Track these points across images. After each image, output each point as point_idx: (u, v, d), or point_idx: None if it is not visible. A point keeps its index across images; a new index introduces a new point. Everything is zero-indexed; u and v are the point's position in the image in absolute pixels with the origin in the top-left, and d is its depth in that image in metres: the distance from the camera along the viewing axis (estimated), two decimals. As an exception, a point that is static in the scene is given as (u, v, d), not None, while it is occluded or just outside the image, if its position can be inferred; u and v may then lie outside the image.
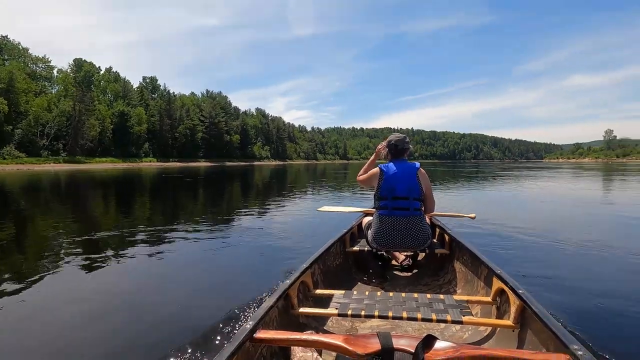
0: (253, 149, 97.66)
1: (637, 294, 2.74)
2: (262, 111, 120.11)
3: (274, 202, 9.25)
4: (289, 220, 6.31)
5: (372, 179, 2.42)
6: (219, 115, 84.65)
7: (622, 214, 7.14)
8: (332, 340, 1.06)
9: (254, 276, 3.09)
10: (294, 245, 4.22)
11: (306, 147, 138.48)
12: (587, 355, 0.96)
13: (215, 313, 2.17)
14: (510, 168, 40.28)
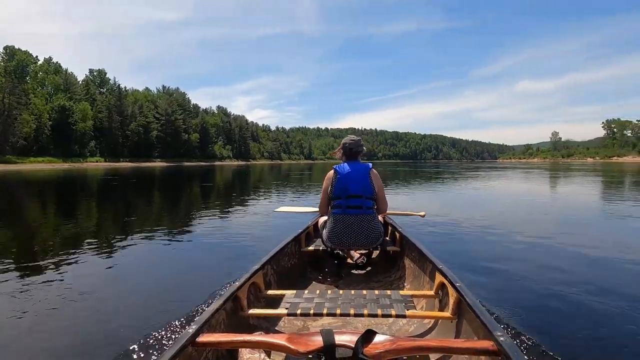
0: (214, 148, 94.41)
1: (566, 282, 2.93)
2: (224, 109, 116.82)
3: (233, 204, 9.01)
4: (246, 221, 6.22)
5: (328, 185, 2.49)
6: (176, 113, 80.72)
7: (562, 209, 7.77)
8: (276, 340, 1.08)
9: (205, 279, 2.98)
10: (249, 247, 4.15)
11: (270, 146, 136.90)
12: (508, 341, 1.03)
13: (160, 318, 2.12)
14: (468, 168, 42.85)
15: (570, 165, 54.90)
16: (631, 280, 3.05)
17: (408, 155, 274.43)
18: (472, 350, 1.07)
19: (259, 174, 28.19)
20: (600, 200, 9.75)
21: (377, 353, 0.95)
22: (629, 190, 12.68)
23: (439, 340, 1.16)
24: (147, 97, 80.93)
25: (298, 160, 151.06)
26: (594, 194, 11.37)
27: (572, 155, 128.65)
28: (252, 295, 1.77)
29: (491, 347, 1.04)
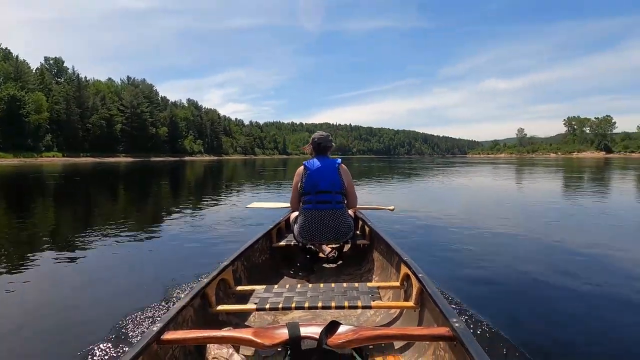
0: (184, 143, 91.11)
1: (523, 270, 3.14)
2: (195, 103, 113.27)
3: (203, 200, 8.75)
4: (217, 218, 6.06)
5: (298, 181, 2.52)
6: (142, 105, 77.07)
7: (525, 202, 8.20)
8: (242, 334, 1.10)
9: (173, 277, 2.88)
10: (220, 243, 4.06)
11: (244, 141, 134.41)
12: (462, 327, 1.10)
13: (126, 318, 2.09)
14: (440, 163, 44.33)
15: (535, 160, 58.33)
16: (582, 267, 3.27)
17: (382, 151, 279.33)
18: (429, 336, 1.16)
19: (231, 170, 27.54)
20: (560, 193, 10.31)
21: (340, 343, 0.98)
22: (587, 184, 13.54)
23: (398, 328, 1.26)
24: (110, 88, 76.71)
25: (272, 155, 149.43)
26: (555, 187, 12.03)
27: (536, 150, 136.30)
28: (221, 291, 1.77)
29: (447, 333, 1.11)
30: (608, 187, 11.85)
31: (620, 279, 3.00)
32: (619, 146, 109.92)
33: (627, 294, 2.62)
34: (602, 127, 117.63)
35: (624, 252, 3.77)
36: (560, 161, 48.37)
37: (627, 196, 9.27)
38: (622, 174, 18.15)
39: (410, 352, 1.44)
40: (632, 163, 36.44)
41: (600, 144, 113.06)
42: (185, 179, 17.48)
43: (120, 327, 1.98)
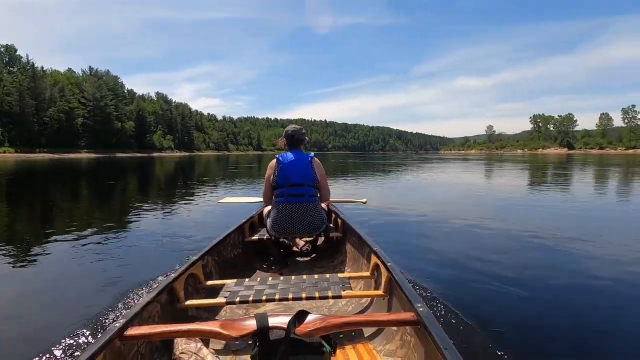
0: (152, 138, 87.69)
1: (485, 258, 3.34)
2: (164, 96, 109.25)
3: (173, 197, 8.53)
4: (188, 214, 5.95)
5: (270, 174, 2.52)
6: (105, 98, 73.18)
7: (492, 196, 8.63)
8: (208, 327, 1.09)
9: (142, 274, 2.82)
10: (191, 239, 4.03)
11: (216, 137, 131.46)
12: (426, 311, 1.15)
13: (90, 315, 2.06)
14: (413, 159, 45.63)
15: (503, 156, 61.16)
16: (541, 252, 3.54)
17: (357, 147, 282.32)
18: (395, 321, 1.21)
19: (203, 166, 26.80)
20: (524, 187, 10.86)
21: (308, 331, 0.99)
22: (550, 178, 14.39)
23: (365, 315, 1.29)
24: (70, 80, 72.26)
25: (246, 151, 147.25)
26: (520, 182, 12.66)
27: (504, 147, 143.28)
28: (190, 286, 1.76)
29: (411, 318, 1.16)
30: (569, 181, 12.63)
31: (575, 260, 3.25)
32: (579, 143, 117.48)
33: (579, 274, 2.89)
34: (565, 124, 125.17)
35: (579, 239, 4.04)
36: (527, 157, 51.03)
37: (587, 189, 9.90)
38: (582, 170, 19.43)
39: (379, 339, 1.51)
40: (591, 159, 39.05)
41: (563, 141, 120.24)
42: (154, 176, 16.83)
43: (82, 327, 1.93)
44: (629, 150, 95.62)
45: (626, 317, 2.25)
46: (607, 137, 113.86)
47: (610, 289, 2.66)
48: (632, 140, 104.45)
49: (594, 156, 54.63)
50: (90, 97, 69.92)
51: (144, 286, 2.45)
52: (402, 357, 1.33)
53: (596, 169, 19.53)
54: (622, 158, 41.23)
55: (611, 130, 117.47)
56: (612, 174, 15.79)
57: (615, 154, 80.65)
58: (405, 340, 1.35)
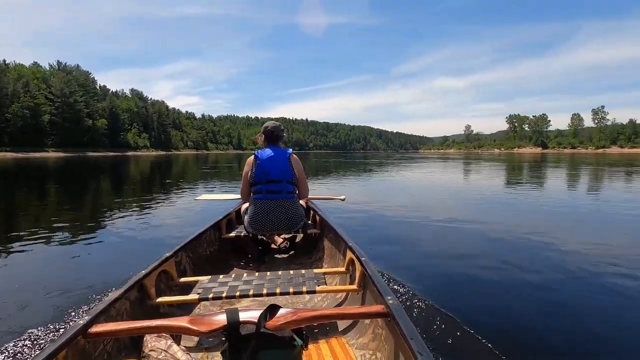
0: (127, 136, 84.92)
1: (457, 253, 3.49)
2: (139, 93, 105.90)
3: (149, 196, 8.38)
4: (164, 212, 5.92)
5: (248, 170, 2.50)
6: (75, 94, 70.18)
7: (468, 194, 8.90)
8: (177, 323, 1.07)
9: (115, 272, 2.78)
10: (167, 237, 4.00)
11: (195, 135, 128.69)
12: (396, 304, 1.19)
13: (57, 314, 2.03)
14: (395, 158, 46.65)
15: (481, 155, 63.07)
16: (511, 247, 3.72)
17: (338, 146, 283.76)
18: (366, 314, 1.23)
19: (181, 165, 26.19)
20: (500, 185, 11.24)
21: (278, 325, 0.99)
22: (525, 177, 14.99)
23: (336, 308, 1.31)
24: (36, 74, 68.85)
25: (226, 150, 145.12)
26: (496, 180, 13.12)
27: (482, 146, 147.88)
28: (162, 283, 1.75)
29: (382, 310, 1.19)
30: (542, 179, 13.20)
31: (543, 254, 3.40)
32: (553, 142, 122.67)
33: (548, 267, 3.04)
34: (539, 124, 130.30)
35: (550, 235, 4.26)
36: (503, 156, 52.82)
37: (560, 187, 10.41)
38: (555, 169, 20.30)
39: (352, 332, 1.56)
40: (564, 158, 40.86)
41: (537, 141, 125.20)
42: (129, 175, 16.28)
43: (47, 326, 1.88)
44: (599, 150, 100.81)
45: (588, 306, 2.38)
46: (578, 137, 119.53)
47: (577, 280, 2.81)
48: (602, 140, 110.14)
49: (566, 155, 57.28)
50: (58, 92, 66.88)
51: (115, 284, 2.38)
52: (374, 349, 1.36)
53: (569, 167, 20.50)
54: (592, 157, 43.27)
55: (582, 130, 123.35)
56: (584, 172, 16.64)
57: (586, 153, 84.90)
58: (377, 333, 1.39)
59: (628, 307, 2.34)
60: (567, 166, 21.62)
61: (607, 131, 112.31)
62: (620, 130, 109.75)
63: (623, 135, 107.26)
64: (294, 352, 0.98)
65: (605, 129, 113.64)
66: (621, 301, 2.43)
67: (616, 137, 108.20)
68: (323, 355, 1.42)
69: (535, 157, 47.36)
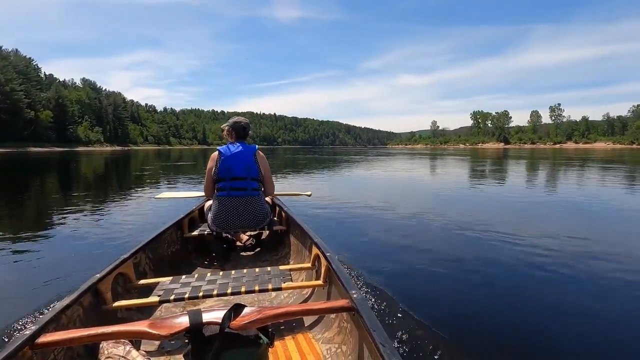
0: (77, 130, 79.38)
1: (421, 248, 3.60)
2: (92, 83, 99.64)
3: (103, 195, 7.99)
4: (121, 212, 5.68)
5: (212, 166, 2.48)
6: (12, 82, 64.14)
7: (433, 187, 9.26)
8: (134, 327, 1.04)
9: (66, 278, 2.65)
10: (124, 238, 3.91)
11: (156, 130, 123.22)
12: (360, 298, 1.23)
13: (3, 324, 1.93)
14: (365, 153, 47.70)
15: (447, 150, 65.57)
16: (475, 242, 3.82)
17: (307, 141, 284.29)
18: (331, 309, 1.26)
19: (141, 162, 24.92)
20: (466, 180, 11.76)
21: (243, 324, 0.99)
22: (488, 172, 15.81)
23: (302, 304, 1.31)
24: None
25: (191, 145, 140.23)
26: (461, 174, 13.73)
27: (448, 142, 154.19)
28: (119, 286, 1.71)
29: (346, 305, 1.22)
30: (505, 174, 14.05)
31: (507, 248, 3.55)
32: (514, 138, 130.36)
33: (510, 260, 3.19)
34: (501, 121, 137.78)
35: (510, 228, 4.52)
36: (468, 151, 55.21)
37: (520, 182, 11.04)
38: (517, 163, 21.52)
39: (318, 327, 1.60)
40: (524, 153, 43.44)
41: (500, 136, 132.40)
42: (80, 173, 15.15)
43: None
44: (556, 145, 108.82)
45: (543, 295, 2.53)
46: (537, 133, 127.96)
47: (534, 271, 2.96)
48: (558, 135, 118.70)
49: (526, 150, 61.09)
50: (-8, 80, 60.99)
51: (68, 290, 2.21)
52: (339, 343, 1.41)
53: (528, 162, 21.88)
54: (550, 152, 46.55)
55: (540, 127, 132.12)
56: (542, 166, 17.78)
57: (544, 148, 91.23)
58: (342, 327, 1.44)
59: (583, 297, 2.49)
60: (527, 161, 22.99)
61: (563, 127, 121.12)
62: (575, 126, 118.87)
63: (577, 132, 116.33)
64: (259, 351, 0.98)
65: (561, 125, 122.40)
66: (576, 290, 2.59)
67: (571, 133, 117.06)
68: (289, 352, 1.46)
69: (498, 152, 49.96)
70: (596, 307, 2.32)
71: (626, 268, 3.00)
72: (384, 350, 0.94)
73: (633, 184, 9.70)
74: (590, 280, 2.76)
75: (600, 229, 4.48)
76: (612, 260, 3.21)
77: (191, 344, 0.95)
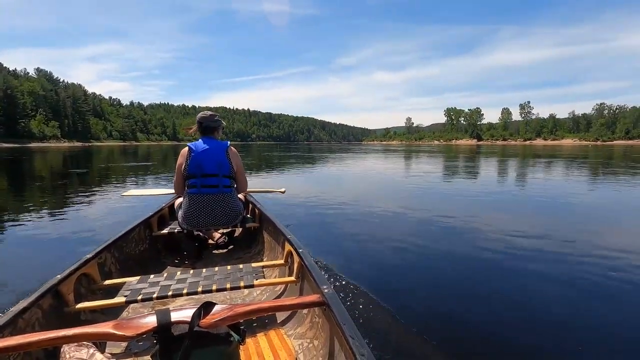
0: (29, 125, 74.85)
1: (396, 243, 3.70)
2: (47, 74, 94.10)
3: (62, 195, 7.51)
4: (84, 211, 5.47)
5: (182, 163, 2.46)
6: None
7: (409, 184, 9.32)
8: (98, 329, 1.00)
9: (27, 280, 2.54)
10: (90, 238, 3.83)
11: (121, 124, 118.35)
12: (331, 292, 1.26)
13: None
14: (342, 149, 47.89)
15: (421, 147, 67.26)
16: (446, 239, 3.91)
17: (282, 137, 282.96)
18: (302, 304, 1.28)
19: (105, 158, 23.67)
20: (440, 176, 11.97)
21: (213, 322, 0.99)
22: (460, 168, 16.25)
23: (273, 300, 1.32)
24: None
25: (160, 141, 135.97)
26: (433, 170, 13.98)
27: (422, 138, 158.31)
28: (83, 288, 1.68)
29: (317, 299, 1.25)
30: (477, 170, 14.47)
31: (478, 242, 3.68)
32: (487, 134, 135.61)
33: (481, 254, 3.31)
34: (474, 118, 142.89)
35: (480, 222, 4.66)
36: (443, 148, 56.82)
37: (492, 178, 11.40)
38: (489, 159, 22.40)
39: (290, 323, 1.64)
40: (496, 149, 45.26)
41: (473, 133, 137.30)
42: (33, 171, 14.14)
43: None
44: (526, 142, 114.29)
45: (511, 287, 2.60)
46: (508, 130, 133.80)
47: (502, 263, 3.09)
48: (528, 132, 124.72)
49: (498, 147, 63.61)
50: None
51: (26, 293, 1.97)
52: (311, 338, 1.45)
53: (500, 158, 22.76)
54: (520, 148, 48.79)
55: (511, 124, 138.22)
56: (512, 162, 18.57)
57: (515, 144, 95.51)
58: (314, 322, 1.48)
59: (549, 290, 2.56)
60: (499, 157, 23.94)
61: (532, 124, 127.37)
62: (543, 123, 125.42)
63: (546, 129, 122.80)
64: (229, 349, 0.97)
65: (530, 123, 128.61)
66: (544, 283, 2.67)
67: (540, 130, 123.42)
68: (261, 348, 1.48)
69: (472, 148, 51.81)
70: (561, 297, 2.45)
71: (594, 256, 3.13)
72: (353, 343, 0.98)
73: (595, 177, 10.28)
74: (556, 271, 2.89)
75: (566, 221, 4.70)
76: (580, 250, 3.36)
77: (159, 344, 0.94)
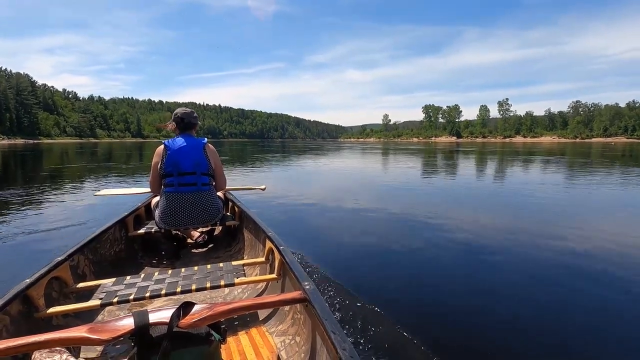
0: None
1: (374, 240, 3.85)
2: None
3: (29, 196, 7.09)
4: (54, 212, 5.33)
5: (158, 161, 2.47)
6: None
7: (386, 181, 9.59)
8: (71, 333, 0.98)
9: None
10: (60, 240, 3.78)
11: (77, 120, 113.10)
12: (312, 288, 1.29)
13: None
14: (317, 147, 47.60)
15: (399, 144, 68.49)
16: (423, 234, 4.08)
17: (256, 134, 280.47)
18: (283, 301, 1.30)
19: (58, 158, 22.38)
20: (419, 173, 12.26)
21: (193, 322, 0.99)
22: (439, 166, 16.81)
23: (254, 298, 1.34)
24: None
25: (122, 138, 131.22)
26: (414, 169, 14.31)
27: (401, 135, 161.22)
28: (54, 291, 1.67)
29: (299, 296, 1.28)
30: (456, 168, 14.96)
31: (449, 239, 3.85)
32: (466, 132, 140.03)
33: (459, 249, 3.50)
34: (452, 115, 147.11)
35: (460, 219, 4.87)
36: (422, 145, 58.13)
37: (470, 175, 11.83)
38: (468, 156, 23.10)
39: (272, 320, 1.68)
40: (476, 146, 46.83)
41: (452, 130, 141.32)
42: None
43: None
44: (506, 139, 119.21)
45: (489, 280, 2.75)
46: (487, 127, 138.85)
47: (479, 257, 3.27)
48: (507, 130, 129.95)
49: (478, 144, 65.86)
50: None
51: None
52: (293, 334, 1.49)
53: (480, 155, 23.61)
54: (499, 145, 50.76)
55: (489, 121, 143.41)
56: (492, 159, 19.32)
57: (494, 141, 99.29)
58: (296, 318, 1.53)
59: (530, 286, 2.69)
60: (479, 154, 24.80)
61: (511, 122, 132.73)
62: (521, 121, 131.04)
63: (524, 126, 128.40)
64: (210, 348, 0.97)
65: (509, 120, 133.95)
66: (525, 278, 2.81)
67: (519, 127, 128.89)
68: (243, 346, 1.51)
69: (451, 145, 53.29)
70: (536, 289, 2.63)
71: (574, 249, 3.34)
72: (335, 338, 1.01)
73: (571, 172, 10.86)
74: (531, 261, 3.15)
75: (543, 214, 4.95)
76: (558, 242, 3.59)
77: (137, 347, 0.94)
